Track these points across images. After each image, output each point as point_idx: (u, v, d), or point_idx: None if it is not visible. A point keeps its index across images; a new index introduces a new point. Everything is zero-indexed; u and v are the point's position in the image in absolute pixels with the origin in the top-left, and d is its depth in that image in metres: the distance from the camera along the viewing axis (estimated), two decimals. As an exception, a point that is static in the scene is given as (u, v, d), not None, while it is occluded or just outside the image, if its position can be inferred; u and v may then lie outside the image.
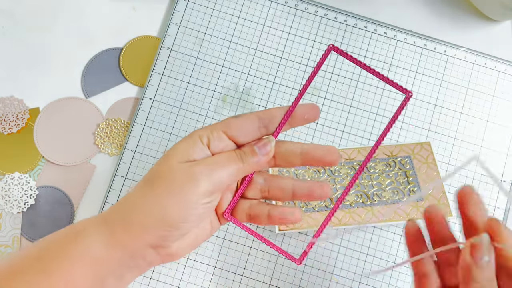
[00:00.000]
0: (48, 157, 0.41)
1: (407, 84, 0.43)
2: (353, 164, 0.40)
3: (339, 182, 0.40)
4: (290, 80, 0.43)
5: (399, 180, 0.40)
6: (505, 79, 0.44)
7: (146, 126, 0.42)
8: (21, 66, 0.43)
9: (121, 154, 0.41)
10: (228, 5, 0.44)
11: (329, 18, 0.44)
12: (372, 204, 0.40)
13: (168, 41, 0.43)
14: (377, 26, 0.44)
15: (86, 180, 0.41)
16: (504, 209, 0.42)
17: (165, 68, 0.43)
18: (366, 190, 0.40)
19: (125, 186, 0.41)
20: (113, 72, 0.43)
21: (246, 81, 0.43)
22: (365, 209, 0.39)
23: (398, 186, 0.40)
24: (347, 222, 0.39)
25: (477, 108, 0.43)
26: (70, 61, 0.43)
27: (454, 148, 0.42)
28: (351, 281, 0.40)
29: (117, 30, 0.44)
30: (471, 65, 0.44)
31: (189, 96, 0.42)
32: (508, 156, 0.43)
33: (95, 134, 0.42)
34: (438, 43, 0.44)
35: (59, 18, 0.44)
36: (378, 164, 0.40)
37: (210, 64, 0.43)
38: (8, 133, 0.42)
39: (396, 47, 0.44)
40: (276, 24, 0.44)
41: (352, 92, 0.43)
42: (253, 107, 0.42)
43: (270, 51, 0.43)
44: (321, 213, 0.39)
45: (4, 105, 0.42)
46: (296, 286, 0.40)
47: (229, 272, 0.40)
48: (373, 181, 0.40)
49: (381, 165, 0.40)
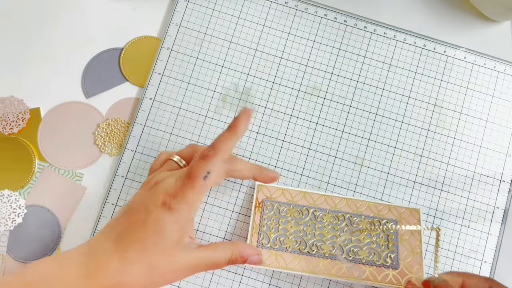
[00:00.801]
0: (50, 160, 0.41)
1: (407, 84, 0.43)
2: (337, 214, 0.39)
3: (319, 229, 0.39)
4: (290, 80, 0.43)
5: (379, 242, 0.39)
6: (504, 79, 0.44)
7: (146, 126, 0.42)
8: (21, 66, 0.43)
9: (121, 154, 0.41)
10: (228, 5, 0.44)
11: (329, 18, 0.44)
12: (345, 259, 0.38)
13: (168, 41, 0.43)
14: (377, 27, 0.44)
15: (76, 201, 0.41)
16: (503, 209, 0.42)
17: (165, 68, 0.43)
18: (343, 244, 0.39)
19: (125, 186, 0.41)
20: (113, 72, 0.43)
21: (246, 81, 0.43)
22: (337, 263, 0.38)
23: (377, 248, 0.39)
24: (317, 271, 0.38)
25: (476, 108, 0.43)
26: (70, 61, 0.43)
27: (453, 148, 0.42)
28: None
29: (117, 30, 0.44)
30: (471, 65, 0.44)
31: (189, 96, 0.43)
32: (508, 156, 0.43)
33: (95, 134, 0.42)
34: (437, 43, 0.44)
35: (59, 18, 0.44)
36: (363, 221, 0.39)
37: (210, 64, 0.43)
38: (9, 133, 0.42)
39: (395, 47, 0.44)
40: (276, 24, 0.44)
41: (352, 92, 0.43)
42: (253, 107, 0.42)
43: (270, 51, 0.43)
44: (293, 255, 0.38)
45: (4, 105, 0.42)
46: (296, 286, 0.40)
47: (229, 272, 0.40)
48: (353, 237, 0.39)
49: (365, 222, 0.39)
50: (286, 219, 0.39)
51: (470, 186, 0.42)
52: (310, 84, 0.43)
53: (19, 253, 0.40)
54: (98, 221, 0.40)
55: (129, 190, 0.41)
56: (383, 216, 0.40)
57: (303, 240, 0.39)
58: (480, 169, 0.42)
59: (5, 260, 0.39)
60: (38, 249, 0.40)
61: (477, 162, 0.42)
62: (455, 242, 0.41)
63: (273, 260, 0.38)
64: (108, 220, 0.40)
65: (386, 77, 0.43)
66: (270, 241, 0.39)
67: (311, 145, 0.42)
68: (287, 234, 0.39)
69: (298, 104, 0.43)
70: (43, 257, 0.34)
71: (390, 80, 0.43)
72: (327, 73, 0.43)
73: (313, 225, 0.39)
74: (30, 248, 0.40)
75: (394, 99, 0.43)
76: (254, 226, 0.39)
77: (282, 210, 0.39)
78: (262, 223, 0.39)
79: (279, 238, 0.39)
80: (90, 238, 0.32)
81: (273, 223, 0.39)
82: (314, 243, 0.39)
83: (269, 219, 0.39)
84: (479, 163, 0.42)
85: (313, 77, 0.43)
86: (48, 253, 0.40)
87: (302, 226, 0.39)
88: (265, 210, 0.39)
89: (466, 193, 0.42)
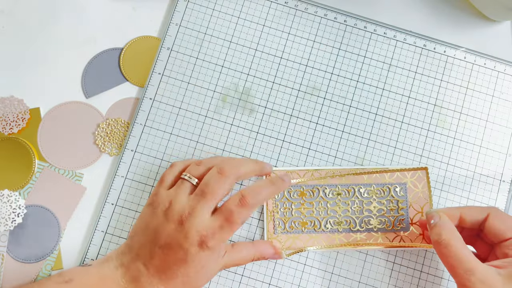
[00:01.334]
0: (50, 160, 0.41)
1: (407, 84, 0.43)
2: (347, 187, 0.40)
3: (331, 206, 0.40)
4: (290, 80, 0.43)
5: (389, 208, 0.40)
6: (504, 79, 0.44)
7: (146, 126, 0.42)
8: (21, 66, 0.43)
9: (121, 154, 0.41)
10: (228, 5, 0.44)
11: (328, 18, 0.44)
12: (359, 231, 0.40)
13: (168, 41, 0.43)
14: (377, 27, 0.44)
15: (76, 201, 0.41)
16: (503, 209, 0.42)
17: (165, 68, 0.43)
18: (355, 216, 0.40)
19: (125, 186, 0.41)
20: (113, 72, 0.43)
21: (246, 81, 0.43)
22: (352, 235, 0.40)
23: (388, 214, 0.40)
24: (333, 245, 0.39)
25: (476, 108, 0.43)
26: (70, 61, 0.43)
27: (453, 148, 0.42)
28: (351, 280, 0.40)
29: (117, 30, 0.44)
30: (471, 65, 0.44)
31: (189, 96, 0.43)
32: (508, 156, 0.43)
33: (95, 134, 0.42)
34: (437, 43, 0.44)
35: (59, 18, 0.44)
36: (373, 190, 0.40)
37: (210, 64, 0.43)
38: (9, 133, 0.42)
39: (395, 47, 0.44)
40: (276, 24, 0.44)
41: (352, 92, 0.43)
42: (253, 107, 0.42)
43: (270, 51, 0.43)
44: (309, 235, 0.40)
45: (4, 105, 0.42)
46: (296, 286, 0.40)
47: (229, 272, 0.40)
48: (364, 207, 0.40)
49: (375, 190, 0.40)
50: (298, 202, 0.40)
51: (470, 186, 0.42)
52: (310, 84, 0.43)
53: (19, 253, 0.40)
54: (98, 221, 0.40)
55: (129, 190, 0.41)
56: (392, 181, 0.41)
57: (317, 220, 0.40)
58: (480, 169, 0.42)
59: (5, 260, 0.39)
60: (38, 249, 0.40)
61: (477, 162, 0.42)
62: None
63: (290, 244, 0.39)
64: (107, 220, 0.40)
65: (386, 77, 0.43)
66: (285, 227, 0.40)
67: (311, 145, 0.42)
68: (301, 217, 0.40)
69: (298, 104, 0.43)
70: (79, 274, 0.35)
71: (390, 80, 0.43)
72: (327, 73, 0.43)
73: (324, 203, 0.40)
74: (30, 248, 0.40)
75: (394, 99, 0.43)
76: (268, 214, 0.40)
77: (293, 194, 0.40)
78: (275, 210, 0.40)
79: (294, 222, 0.40)
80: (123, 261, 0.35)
81: (286, 208, 0.40)
82: (328, 220, 0.40)
83: (282, 204, 0.40)
84: (479, 163, 0.42)
85: (313, 77, 0.43)
86: (48, 253, 0.40)
87: (314, 206, 0.40)
88: (276, 196, 0.40)
89: (466, 193, 0.42)
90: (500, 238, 0.34)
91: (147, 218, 0.36)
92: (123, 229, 0.40)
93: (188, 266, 0.33)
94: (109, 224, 0.40)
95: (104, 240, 0.40)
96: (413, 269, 0.40)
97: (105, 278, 0.34)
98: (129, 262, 0.35)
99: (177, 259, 0.33)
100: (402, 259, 0.40)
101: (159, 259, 0.34)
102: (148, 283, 0.34)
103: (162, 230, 0.34)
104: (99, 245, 0.40)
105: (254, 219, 0.41)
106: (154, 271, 0.34)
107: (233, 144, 0.42)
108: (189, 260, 0.33)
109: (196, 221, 0.34)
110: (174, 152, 0.42)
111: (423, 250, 0.40)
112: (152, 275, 0.34)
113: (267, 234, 0.40)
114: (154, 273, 0.34)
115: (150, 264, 0.34)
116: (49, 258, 0.40)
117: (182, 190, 0.36)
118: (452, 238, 0.33)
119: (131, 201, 0.41)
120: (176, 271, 0.33)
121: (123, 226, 0.40)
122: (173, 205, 0.35)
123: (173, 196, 0.35)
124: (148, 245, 0.34)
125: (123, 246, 0.36)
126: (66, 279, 0.34)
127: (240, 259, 0.37)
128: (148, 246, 0.34)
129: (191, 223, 0.33)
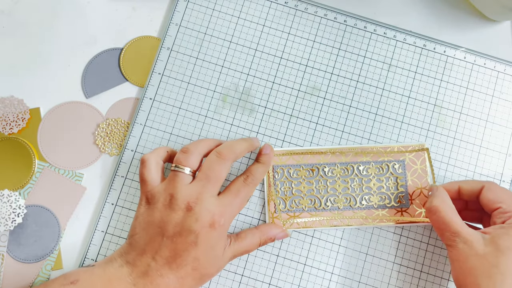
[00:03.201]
0: (50, 160, 0.41)
1: (407, 84, 0.43)
2: (346, 165, 0.41)
3: (330, 184, 0.41)
4: (290, 80, 0.43)
5: (389, 185, 0.41)
6: (504, 79, 0.44)
7: (146, 126, 0.42)
8: (21, 66, 0.43)
9: (121, 154, 0.41)
10: (228, 5, 0.44)
11: (328, 18, 0.44)
12: (359, 208, 0.40)
13: (168, 41, 0.43)
14: (377, 27, 0.44)
15: (76, 201, 0.41)
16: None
17: (165, 68, 0.43)
18: (355, 194, 0.41)
19: (125, 186, 0.41)
20: (113, 72, 0.43)
21: (246, 81, 0.43)
22: (352, 212, 0.40)
23: (387, 191, 0.41)
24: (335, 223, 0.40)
25: (476, 108, 0.43)
26: (70, 61, 0.43)
27: (453, 148, 0.42)
28: (351, 280, 0.40)
29: (117, 30, 0.44)
30: (471, 65, 0.44)
31: (189, 96, 0.43)
32: (507, 156, 0.43)
33: (95, 134, 0.42)
34: (437, 43, 0.44)
35: (59, 18, 0.44)
36: (372, 168, 0.41)
37: (210, 64, 0.43)
38: (9, 133, 0.42)
39: (395, 47, 0.44)
40: (276, 24, 0.44)
41: (352, 92, 0.43)
42: (253, 107, 0.42)
43: (270, 51, 0.43)
44: (310, 213, 0.40)
45: (4, 105, 0.42)
46: (296, 286, 0.40)
47: (229, 272, 0.40)
48: (363, 185, 0.41)
49: (374, 168, 0.41)
50: (298, 181, 0.41)
51: (470, 186, 0.42)
52: (310, 84, 0.43)
53: (19, 253, 0.40)
54: (98, 221, 0.40)
55: (129, 190, 0.41)
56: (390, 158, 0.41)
57: (317, 198, 0.41)
58: (480, 169, 0.42)
59: (5, 260, 0.39)
60: (38, 249, 0.40)
61: (477, 162, 0.42)
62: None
63: (292, 223, 0.40)
64: (107, 220, 0.40)
65: (386, 77, 0.43)
66: (286, 205, 0.40)
67: (311, 145, 0.42)
68: (301, 195, 0.41)
69: (298, 104, 0.43)
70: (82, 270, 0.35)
71: (390, 80, 0.43)
72: (327, 73, 0.43)
73: (324, 182, 0.41)
74: (30, 248, 0.40)
75: (394, 99, 0.43)
76: (269, 194, 0.40)
77: (293, 173, 0.41)
78: (276, 189, 0.40)
79: (294, 201, 0.40)
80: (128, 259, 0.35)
81: (286, 187, 0.41)
82: (328, 198, 0.40)
83: (282, 184, 0.41)
84: (479, 163, 0.42)
85: (313, 77, 0.43)
86: (48, 253, 0.40)
87: (314, 185, 0.41)
88: (276, 176, 0.41)
89: (466, 193, 0.42)
90: (491, 207, 0.36)
91: (146, 215, 0.36)
92: (123, 229, 0.40)
93: (198, 248, 0.34)
94: (109, 224, 0.40)
95: (104, 240, 0.40)
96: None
97: (112, 278, 0.34)
98: (134, 259, 0.35)
99: (188, 243, 0.34)
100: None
101: (168, 249, 0.34)
102: (158, 275, 0.34)
103: (168, 221, 0.35)
104: (99, 245, 0.40)
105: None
106: (164, 262, 0.34)
107: (233, 144, 0.42)
108: (199, 242, 0.34)
109: (205, 204, 0.35)
110: (174, 152, 0.42)
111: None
112: (162, 266, 0.34)
113: (268, 214, 0.40)
114: (164, 264, 0.34)
115: (159, 256, 0.34)
116: (49, 258, 0.40)
117: (179, 181, 0.36)
118: (441, 205, 0.36)
119: (131, 201, 0.41)
120: (187, 257, 0.34)
121: (123, 226, 0.40)
122: (175, 196, 0.35)
123: (172, 188, 0.36)
124: (155, 238, 0.35)
125: (125, 246, 0.36)
126: (72, 280, 0.34)
127: (248, 246, 0.38)
128: (155, 239, 0.35)
129: (201, 206, 0.35)
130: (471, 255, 0.33)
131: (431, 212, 0.36)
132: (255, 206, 0.41)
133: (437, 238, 0.41)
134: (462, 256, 0.33)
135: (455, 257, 0.34)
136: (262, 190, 0.41)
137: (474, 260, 0.32)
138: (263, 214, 0.41)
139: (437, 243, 0.41)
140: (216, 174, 0.36)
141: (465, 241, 0.33)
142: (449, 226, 0.34)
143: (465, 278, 0.33)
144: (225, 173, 0.37)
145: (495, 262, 0.32)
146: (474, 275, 0.32)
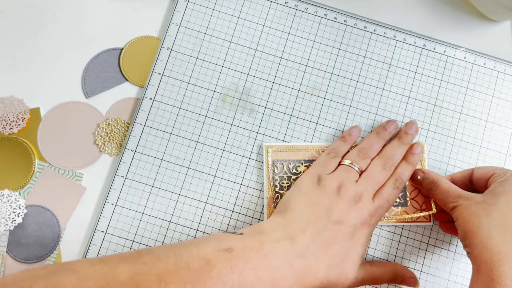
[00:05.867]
0: (50, 160, 0.41)
1: (407, 84, 0.43)
2: None
3: None
4: (290, 80, 0.43)
5: None
6: (504, 79, 0.44)
7: (146, 126, 0.42)
8: (21, 66, 0.43)
9: (121, 154, 0.41)
10: (228, 5, 0.44)
11: (328, 18, 0.44)
12: None
13: (168, 41, 0.43)
14: (377, 26, 0.44)
15: (76, 201, 0.41)
16: (503, 209, 0.42)
17: (165, 68, 0.43)
18: None
19: (125, 186, 0.41)
20: (113, 72, 0.43)
21: (246, 81, 0.43)
22: None
23: None
24: None
25: (476, 108, 0.43)
26: (70, 61, 0.43)
27: (453, 148, 0.42)
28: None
29: (117, 30, 0.44)
30: (471, 65, 0.44)
31: (189, 96, 0.43)
32: (507, 156, 0.43)
33: (95, 134, 0.42)
34: (437, 43, 0.44)
35: (59, 18, 0.44)
36: None
37: (210, 64, 0.43)
38: (9, 133, 0.42)
39: (395, 47, 0.44)
40: (276, 24, 0.44)
41: (352, 92, 0.43)
42: (253, 107, 0.42)
43: (270, 51, 0.43)
44: None
45: (4, 105, 0.42)
46: (296, 285, 0.40)
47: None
48: None
49: None
50: (297, 176, 0.41)
51: (470, 186, 0.42)
52: (310, 84, 0.43)
53: (19, 253, 0.40)
54: (98, 221, 0.40)
55: (129, 190, 0.41)
56: None
57: None
58: (480, 169, 0.42)
59: (5, 260, 0.39)
60: (38, 249, 0.40)
61: (477, 162, 0.42)
62: (455, 242, 0.41)
63: None
64: (107, 220, 0.40)
65: (386, 77, 0.43)
66: None
67: (311, 145, 0.42)
68: None
69: (298, 104, 0.43)
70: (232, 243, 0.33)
71: (390, 80, 0.43)
72: (327, 73, 0.43)
73: None
74: (30, 248, 0.40)
75: (394, 99, 0.43)
76: (269, 188, 0.40)
77: (292, 168, 0.41)
78: (276, 183, 0.40)
79: None
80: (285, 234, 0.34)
81: (286, 182, 0.41)
82: None
83: (282, 178, 0.41)
84: (479, 163, 0.42)
85: (313, 77, 0.43)
86: (48, 253, 0.40)
87: None
88: (276, 170, 0.41)
89: (466, 193, 0.42)
90: (485, 178, 0.38)
91: (313, 196, 0.36)
92: (123, 229, 0.40)
93: (352, 241, 0.35)
94: (109, 224, 0.40)
95: (104, 240, 0.40)
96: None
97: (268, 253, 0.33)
98: (294, 236, 0.34)
99: (346, 234, 0.35)
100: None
101: (329, 234, 0.35)
102: (313, 258, 0.34)
103: (336, 207, 0.36)
104: (99, 245, 0.40)
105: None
106: (322, 244, 0.34)
107: (233, 144, 0.42)
108: (355, 235, 0.35)
109: (366, 202, 0.36)
110: (174, 152, 0.42)
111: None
112: (319, 249, 0.34)
113: (267, 208, 0.40)
114: (321, 247, 0.34)
115: (319, 239, 0.34)
116: (49, 258, 0.40)
117: (350, 176, 0.38)
118: (438, 179, 0.39)
119: (131, 201, 0.41)
120: (341, 246, 0.35)
121: (123, 226, 0.40)
122: (346, 186, 0.36)
123: (344, 179, 0.37)
124: (320, 220, 0.35)
125: (280, 220, 0.36)
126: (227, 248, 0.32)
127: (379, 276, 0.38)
128: (320, 221, 0.35)
129: (363, 203, 0.36)
130: (472, 204, 0.35)
131: (432, 185, 0.39)
132: (255, 205, 0.41)
133: (437, 238, 0.41)
134: (464, 209, 0.35)
135: (458, 214, 0.35)
136: (261, 187, 0.41)
137: (474, 206, 0.34)
138: (262, 214, 0.41)
139: (437, 243, 0.41)
140: (378, 180, 0.38)
141: (467, 198, 0.36)
142: (450, 193, 0.37)
143: (468, 225, 0.34)
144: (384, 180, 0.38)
145: (494, 202, 0.34)
146: (476, 217, 0.34)
